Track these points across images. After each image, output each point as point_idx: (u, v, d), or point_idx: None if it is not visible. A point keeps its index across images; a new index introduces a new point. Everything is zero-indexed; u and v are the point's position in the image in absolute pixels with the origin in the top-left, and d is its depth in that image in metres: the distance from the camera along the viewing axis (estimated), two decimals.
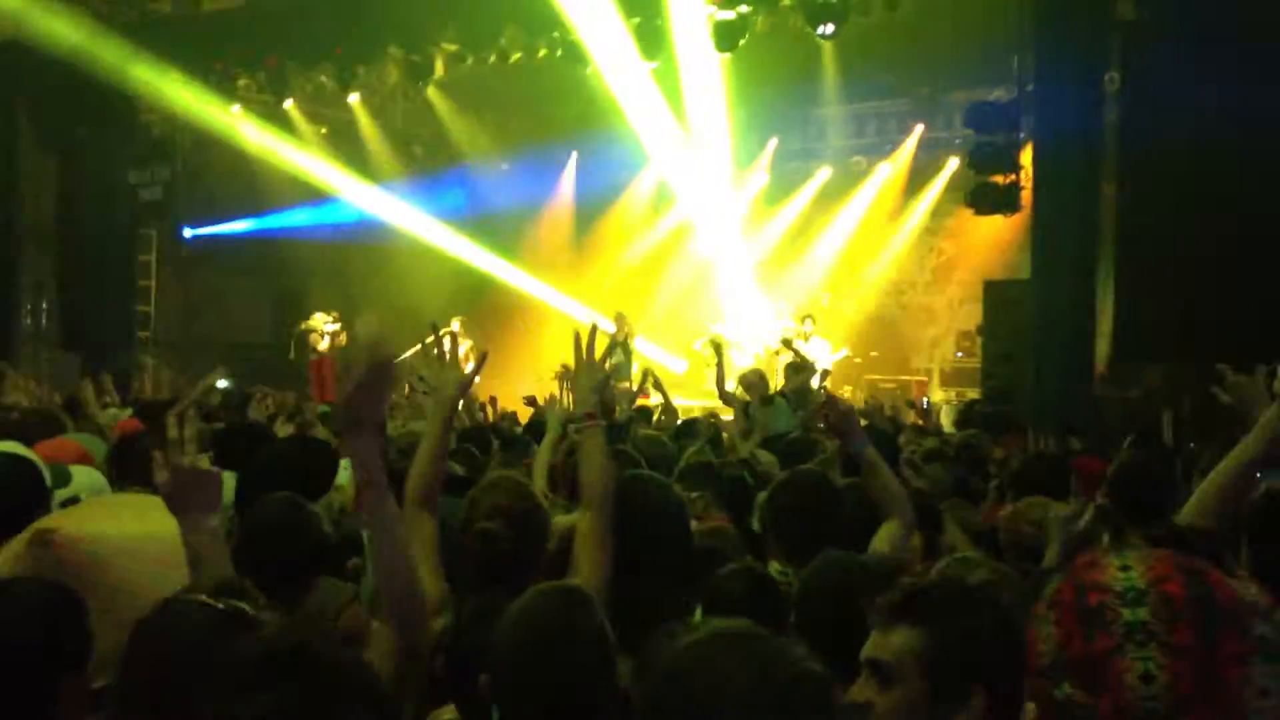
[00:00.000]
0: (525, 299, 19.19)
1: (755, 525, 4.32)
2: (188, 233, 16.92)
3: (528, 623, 2.28)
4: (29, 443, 4.13)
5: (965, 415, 9.26)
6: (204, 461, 2.54)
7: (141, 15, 15.16)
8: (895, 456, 5.07)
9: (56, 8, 14.80)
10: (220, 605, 2.02)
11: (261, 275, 17.64)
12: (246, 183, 16.86)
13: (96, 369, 10.27)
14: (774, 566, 3.46)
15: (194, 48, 14.84)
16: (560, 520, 3.30)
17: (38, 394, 7.23)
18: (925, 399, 8.83)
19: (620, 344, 16.42)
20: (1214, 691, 1.31)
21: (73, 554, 2.57)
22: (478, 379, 3.58)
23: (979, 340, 12.50)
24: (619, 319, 16.03)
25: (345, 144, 17.28)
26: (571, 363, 3.31)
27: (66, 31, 14.79)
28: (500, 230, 18.66)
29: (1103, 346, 10.52)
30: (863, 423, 4.35)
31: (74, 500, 3.66)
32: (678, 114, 17.70)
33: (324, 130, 17.13)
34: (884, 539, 3.59)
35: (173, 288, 16.88)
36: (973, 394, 12.47)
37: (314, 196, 17.13)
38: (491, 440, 6.33)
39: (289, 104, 16.12)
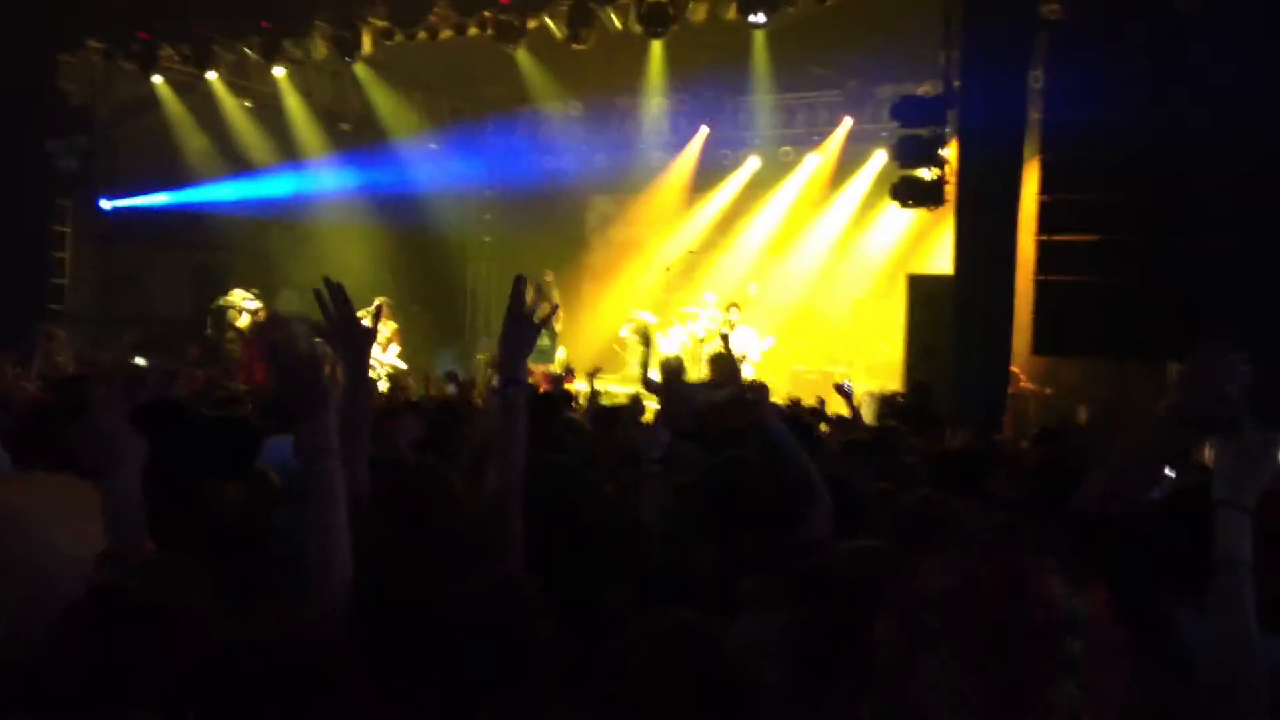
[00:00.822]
0: (451, 280, 19.08)
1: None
2: (106, 204, 16.51)
3: (470, 611, 2.29)
4: None
5: (886, 407, 9.39)
6: (122, 423, 2.54)
7: None
8: (814, 448, 5.09)
9: None
10: (153, 589, 2.00)
11: (181, 250, 17.27)
12: (167, 155, 16.49)
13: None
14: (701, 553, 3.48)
15: (116, 16, 14.51)
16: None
17: None
18: (847, 384, 8.91)
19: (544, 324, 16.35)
20: (1014, 712, 1.31)
21: None
22: (400, 363, 3.54)
23: (902, 333, 12.65)
24: (544, 288, 16.09)
25: (270, 118, 17.00)
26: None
27: None
28: (427, 209, 18.51)
29: (1021, 342, 10.71)
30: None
31: None
32: (609, 98, 17.72)
33: (248, 104, 16.82)
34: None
35: (89, 260, 16.48)
36: (895, 386, 12.63)
37: (236, 171, 16.83)
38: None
39: (212, 76, 15.79)
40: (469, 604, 2.34)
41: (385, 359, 14.63)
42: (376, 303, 12.55)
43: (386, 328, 14.87)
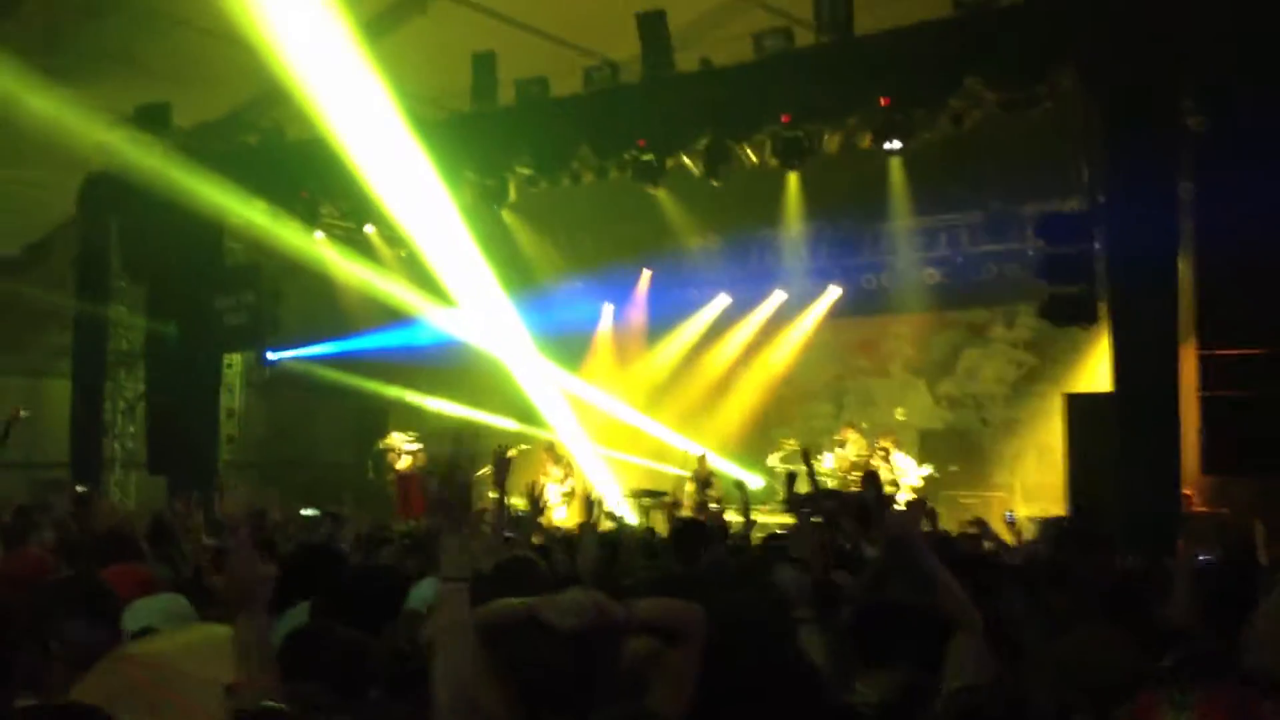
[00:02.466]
0: (599, 420, 19.24)
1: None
2: (272, 355, 17.28)
3: None
4: (104, 566, 4.24)
5: (1051, 532, 9.05)
6: (265, 566, 2.67)
7: (228, 146, 15.74)
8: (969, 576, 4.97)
9: (148, 140, 15.46)
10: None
11: (343, 397, 17.92)
12: (329, 306, 17.24)
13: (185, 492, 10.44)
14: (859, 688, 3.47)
15: (279, 176, 15.36)
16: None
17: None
18: (1011, 514, 8.71)
19: (707, 475, 16.18)
20: None
21: (140, 676, 2.64)
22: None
23: (1062, 455, 12.28)
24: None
25: (423, 267, 17.63)
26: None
27: (157, 163, 15.42)
28: (574, 349, 18.86)
29: (1189, 460, 10.28)
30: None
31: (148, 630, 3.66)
32: (748, 230, 17.92)
33: (402, 254, 17.50)
34: (958, 656, 3.54)
35: (257, 410, 17.22)
36: (1057, 510, 12.21)
37: (394, 319, 17.48)
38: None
39: (369, 229, 16.54)
40: None
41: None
42: (511, 452, 12.81)
43: (559, 468, 15.37)
